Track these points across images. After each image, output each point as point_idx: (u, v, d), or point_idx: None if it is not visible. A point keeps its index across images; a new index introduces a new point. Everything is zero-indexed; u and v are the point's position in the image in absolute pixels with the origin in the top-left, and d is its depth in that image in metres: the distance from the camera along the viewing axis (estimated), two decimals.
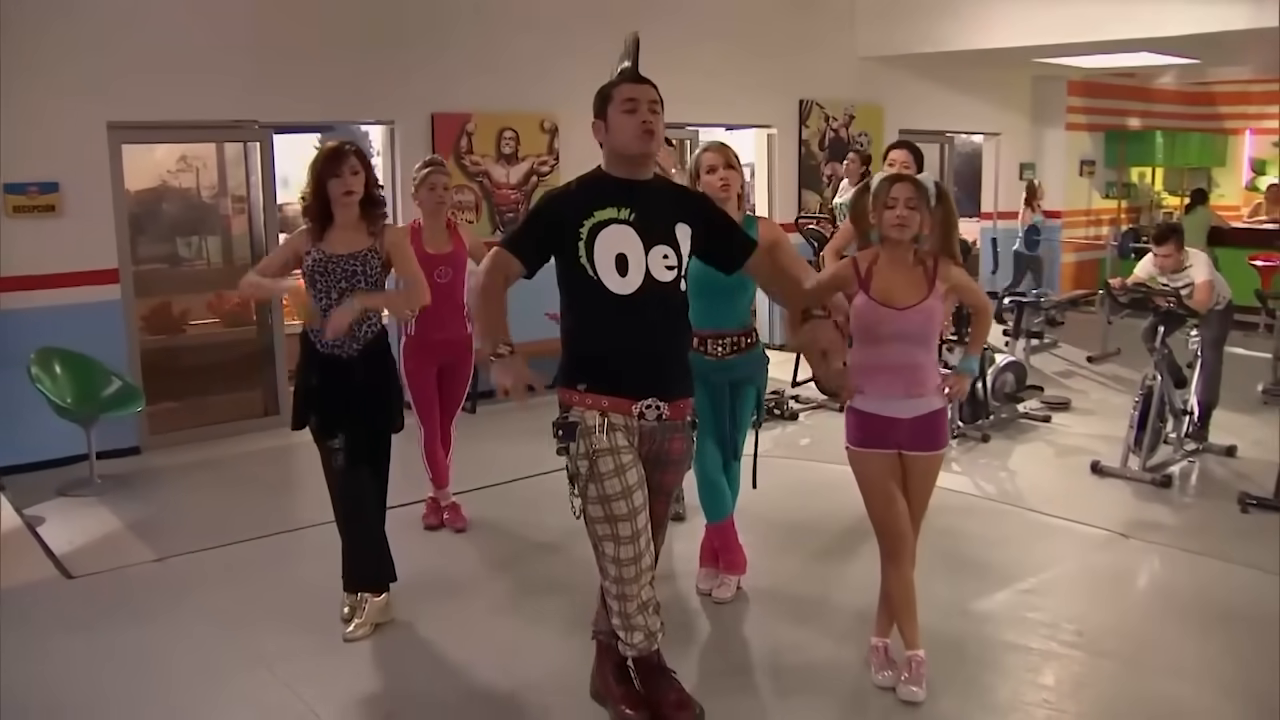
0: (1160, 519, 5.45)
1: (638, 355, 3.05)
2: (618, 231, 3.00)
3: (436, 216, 4.95)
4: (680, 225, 3.10)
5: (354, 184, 3.87)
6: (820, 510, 5.42)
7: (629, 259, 2.99)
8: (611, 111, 3.05)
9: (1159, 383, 6.02)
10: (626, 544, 3.03)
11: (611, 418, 3.02)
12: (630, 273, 3.00)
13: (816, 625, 4.14)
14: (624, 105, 3.02)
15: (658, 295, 3.03)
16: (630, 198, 3.04)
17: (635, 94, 3.03)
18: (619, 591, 3.08)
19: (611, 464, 3.00)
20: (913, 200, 3.36)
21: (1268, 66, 12.82)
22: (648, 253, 3.02)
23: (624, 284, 3.00)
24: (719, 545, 4.41)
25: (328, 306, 3.87)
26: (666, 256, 3.05)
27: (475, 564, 4.81)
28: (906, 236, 3.39)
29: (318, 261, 3.89)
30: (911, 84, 11.02)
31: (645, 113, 3.02)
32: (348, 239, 3.91)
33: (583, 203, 3.04)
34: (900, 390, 3.40)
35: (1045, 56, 10.27)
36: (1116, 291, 6.39)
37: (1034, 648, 3.95)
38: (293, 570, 4.73)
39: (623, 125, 3.02)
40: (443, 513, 5.18)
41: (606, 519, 3.03)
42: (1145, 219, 14.16)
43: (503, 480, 5.94)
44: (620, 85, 3.07)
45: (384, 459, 4.03)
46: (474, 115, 7.86)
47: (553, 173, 8.34)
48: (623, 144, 3.04)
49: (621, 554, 3.04)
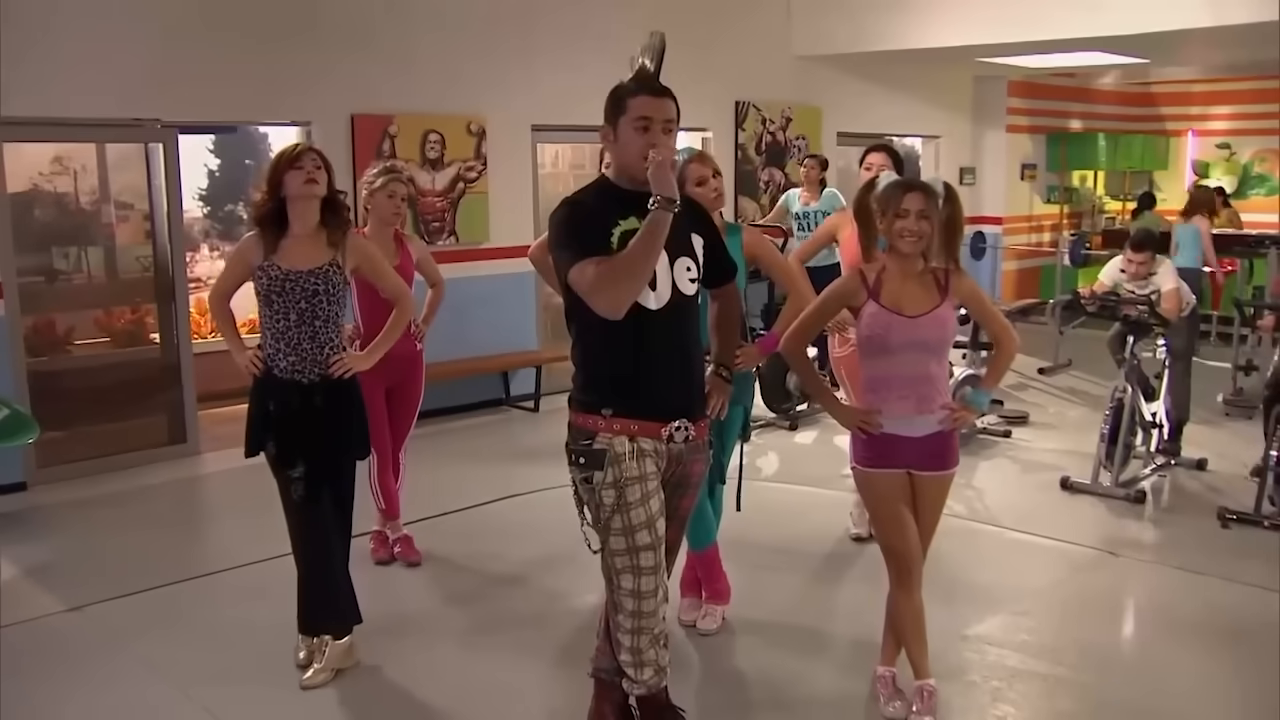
0: (1141, 536, 5.71)
1: (668, 374, 3.10)
2: None
3: (389, 227, 4.95)
4: (695, 235, 3.17)
5: (316, 175, 3.83)
6: (799, 534, 5.54)
7: (657, 271, 3.00)
8: (623, 125, 3.02)
9: (1129, 395, 6.29)
10: (648, 575, 3.08)
11: (641, 443, 3.06)
12: (659, 285, 3.02)
13: (813, 656, 4.24)
14: (637, 121, 2.99)
15: (682, 308, 3.09)
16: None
17: (651, 110, 3.00)
18: (635, 625, 3.12)
19: (639, 492, 3.05)
20: (925, 211, 3.46)
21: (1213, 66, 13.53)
22: (673, 265, 3.05)
23: (654, 298, 3.02)
24: (702, 574, 4.48)
25: (286, 329, 3.83)
26: (689, 269, 3.11)
27: (435, 600, 4.80)
28: (918, 250, 3.49)
29: (275, 280, 3.83)
30: (850, 85, 11.32)
31: (658, 133, 2.99)
32: (306, 251, 3.87)
33: (604, 212, 3.04)
34: (911, 407, 3.51)
35: (991, 56, 10.64)
36: (1086, 300, 6.65)
37: (1042, 673, 4.10)
38: (232, 613, 4.65)
39: (632, 145, 3.00)
40: (393, 546, 5.16)
41: (629, 550, 3.07)
42: (1087, 224, 14.74)
43: (453, 509, 5.94)
44: (638, 96, 3.02)
45: (347, 489, 4.01)
46: (396, 117, 7.84)
47: (480, 178, 8.36)
48: (629, 166, 3.04)
49: (642, 586, 3.08)
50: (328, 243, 3.90)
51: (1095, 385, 9.10)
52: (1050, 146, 14.19)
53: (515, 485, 6.39)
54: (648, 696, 3.25)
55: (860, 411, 3.60)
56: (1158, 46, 9.95)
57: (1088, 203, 15.05)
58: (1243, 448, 7.02)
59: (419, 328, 4.98)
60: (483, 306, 8.02)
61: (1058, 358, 9.91)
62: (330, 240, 3.90)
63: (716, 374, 3.38)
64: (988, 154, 13.41)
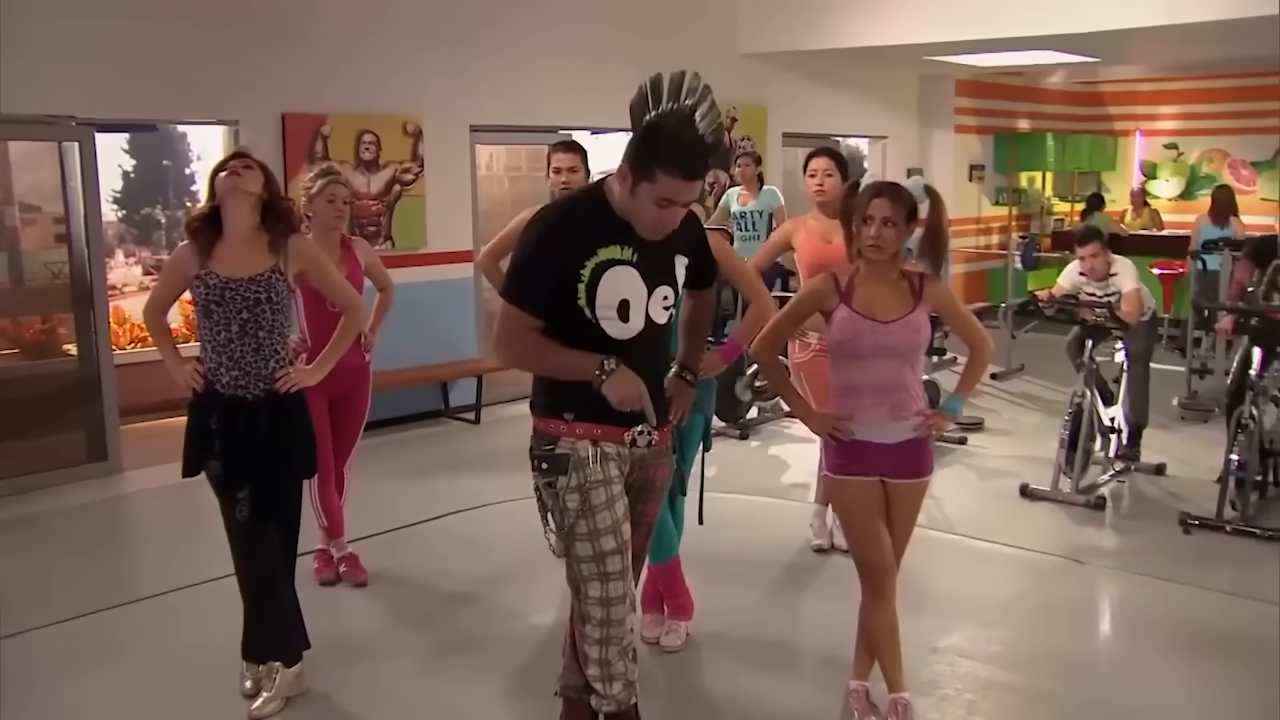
0: (1103, 543, 5.86)
1: None
2: (621, 274, 3.03)
3: (332, 232, 4.93)
4: (679, 258, 3.19)
5: (242, 172, 3.78)
6: (758, 546, 5.61)
7: (631, 304, 3.05)
8: (644, 189, 2.95)
9: (1089, 399, 6.45)
10: (615, 581, 3.12)
11: (604, 447, 3.12)
12: (632, 319, 3.06)
13: (781, 671, 4.29)
14: (660, 200, 2.96)
15: (653, 336, 3.14)
16: (635, 234, 3.05)
17: (678, 195, 2.94)
18: (603, 635, 3.15)
19: (604, 496, 3.10)
20: (890, 218, 3.52)
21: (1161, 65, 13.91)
22: (649, 296, 3.09)
23: (624, 330, 3.06)
24: (664, 588, 4.51)
25: (227, 341, 3.78)
26: (666, 298, 3.14)
27: (385, 622, 4.78)
28: (882, 258, 3.56)
29: (214, 289, 3.77)
30: (796, 84, 11.47)
31: (674, 214, 3.00)
32: (245, 257, 3.82)
33: (585, 238, 3.03)
34: (885, 414, 3.58)
35: (941, 54, 10.83)
36: (1044, 304, 6.81)
37: (1016, 684, 4.20)
38: (169, 642, 4.58)
39: (645, 214, 3.00)
40: (338, 565, 5.13)
41: (595, 557, 3.11)
42: (1036, 226, 15.06)
43: (398, 525, 5.93)
44: (673, 178, 2.91)
45: (294, 508, 3.98)
46: (329, 117, 7.79)
47: (417, 181, 8.33)
48: (635, 222, 3.04)
49: (610, 593, 3.12)
50: (269, 248, 3.85)
51: (1049, 390, 9.31)
52: (998, 147, 14.48)
53: (461, 499, 6.38)
54: (617, 713, 3.27)
55: (832, 417, 3.66)
56: (1109, 45, 10.21)
57: (1036, 204, 15.37)
58: (1200, 452, 7.23)
59: (367, 337, 4.97)
60: (420, 314, 7.98)
61: (1010, 363, 10.11)
62: (271, 245, 3.85)
63: (680, 377, 3.41)
64: (935, 155, 13.64)
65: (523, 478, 6.33)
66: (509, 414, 8.27)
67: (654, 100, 2.96)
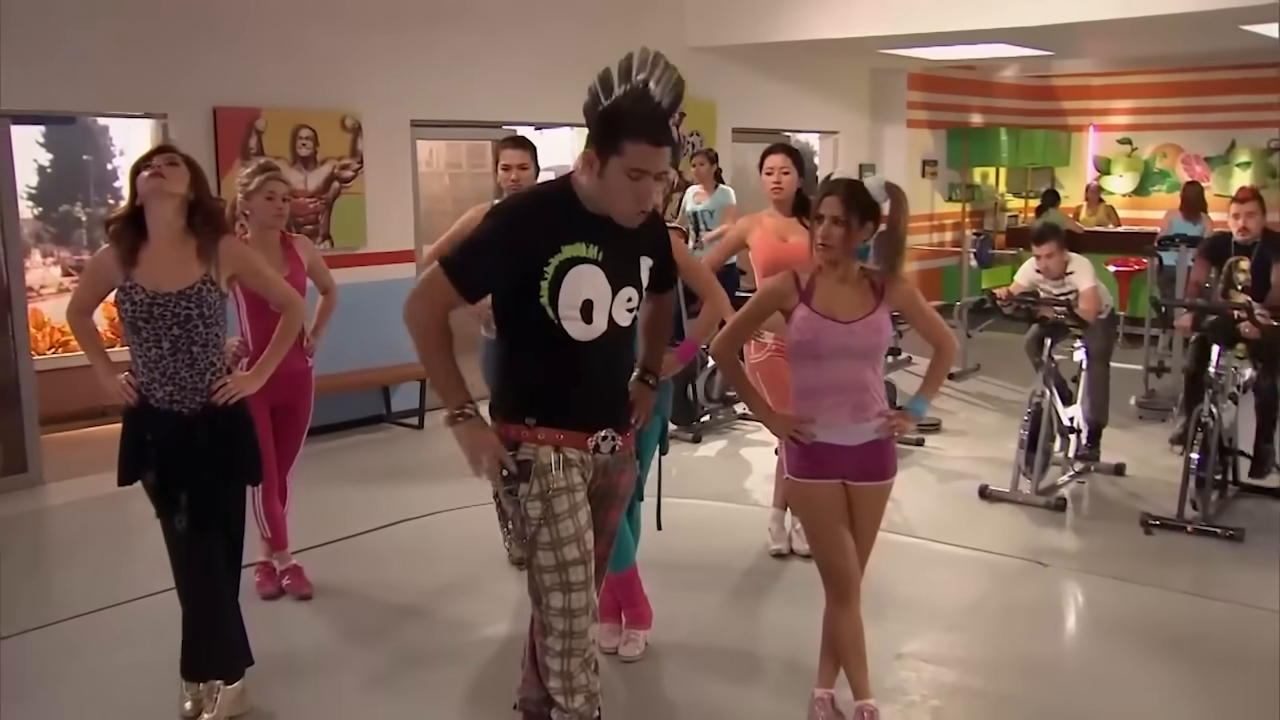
0: (1065, 544, 5.97)
1: (596, 391, 3.17)
2: (586, 274, 3.02)
3: (272, 231, 4.89)
4: (644, 259, 3.19)
5: (166, 171, 3.67)
6: (715, 551, 5.65)
7: (595, 305, 3.05)
8: (613, 166, 2.96)
9: (1048, 399, 6.56)
10: (578, 591, 3.12)
11: (567, 453, 3.12)
12: (595, 320, 3.06)
13: (743, 679, 4.32)
14: (631, 172, 2.95)
15: (616, 338, 3.15)
16: (600, 231, 3.05)
17: (648, 163, 2.95)
18: (565, 647, 3.15)
19: (567, 504, 3.10)
20: (839, 217, 3.56)
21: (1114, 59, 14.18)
22: (614, 297, 3.09)
23: (587, 331, 3.06)
24: (622, 597, 4.53)
25: (159, 358, 3.71)
26: (630, 300, 3.15)
27: (331, 636, 4.75)
28: (829, 257, 3.60)
29: (141, 305, 3.67)
30: (746, 78, 11.53)
31: (647, 185, 2.99)
32: (172, 266, 3.71)
33: (550, 233, 3.02)
34: (846, 416, 3.63)
35: (893, 47, 10.96)
36: (1002, 302, 6.92)
37: (982, 688, 4.27)
38: (101, 662, 4.51)
39: (619, 191, 2.99)
40: (281, 578, 5.09)
41: (558, 566, 3.11)
42: (990, 223, 15.28)
43: (343, 535, 5.90)
44: (639, 144, 2.94)
45: (238, 519, 3.94)
46: (264, 111, 7.71)
47: (356, 178, 8.29)
48: (608, 208, 3.04)
49: (572, 603, 3.12)
50: (198, 254, 3.74)
51: (1005, 390, 9.46)
52: (951, 142, 14.66)
53: (406, 508, 6.35)
54: None
55: (792, 420, 3.70)
56: (1062, 38, 10.39)
57: (990, 201, 15.58)
58: (1159, 451, 7.39)
59: (309, 341, 4.93)
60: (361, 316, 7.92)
61: (966, 362, 10.25)
62: (201, 250, 3.75)
63: (642, 380, 3.43)
64: (887, 150, 13.76)
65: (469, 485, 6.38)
66: None
67: (605, 92, 3.00)
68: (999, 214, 15.62)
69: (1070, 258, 6.94)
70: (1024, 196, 16.06)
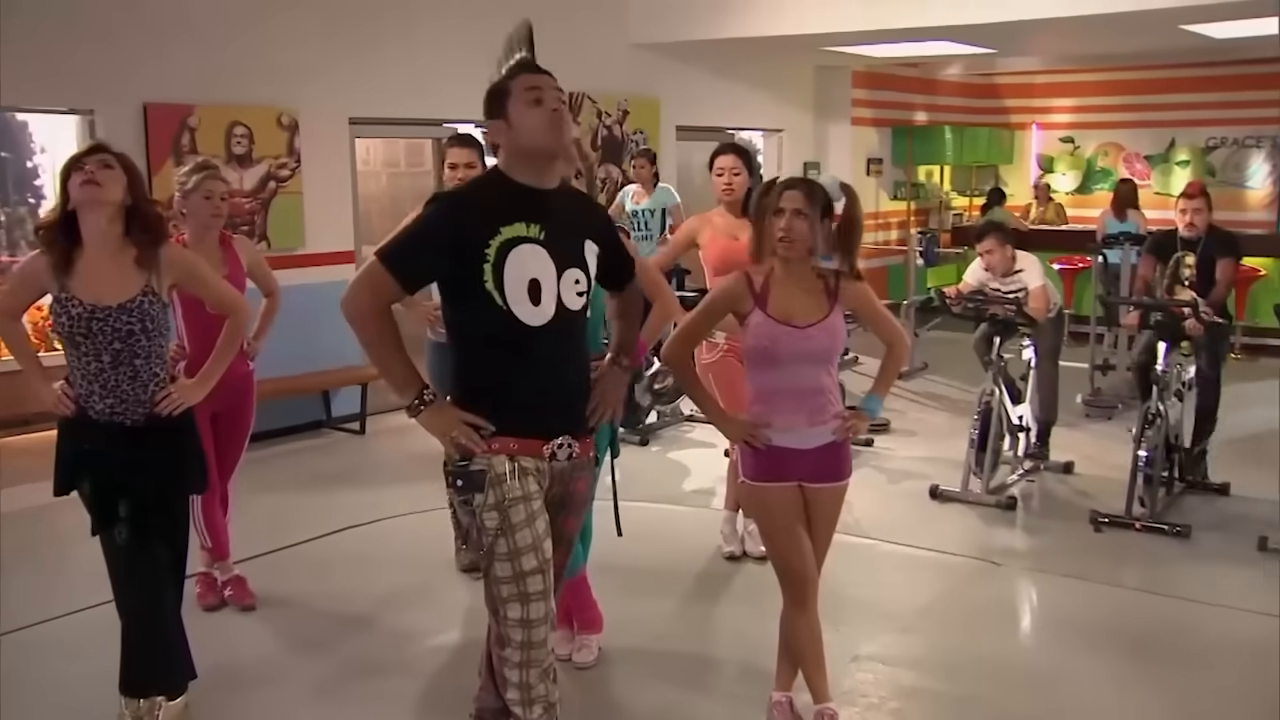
0: (1017, 543, 6.06)
1: (551, 390, 3.14)
2: (529, 252, 3.03)
3: (210, 232, 4.82)
4: (589, 243, 3.19)
5: (99, 176, 3.58)
6: (667, 555, 5.67)
7: (542, 285, 3.03)
8: (513, 106, 3.07)
9: (997, 398, 6.66)
10: (537, 601, 3.10)
11: (522, 461, 3.09)
12: (544, 301, 3.04)
13: (701, 684, 4.35)
14: (528, 95, 3.06)
15: (568, 325, 3.12)
16: (539, 210, 3.06)
17: (538, 81, 3.09)
18: (524, 658, 3.13)
19: (524, 514, 3.07)
20: (801, 209, 3.59)
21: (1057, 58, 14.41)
22: (560, 277, 3.07)
23: (537, 314, 3.04)
24: (572, 602, 4.52)
25: (99, 371, 3.65)
26: (579, 281, 3.13)
27: (276, 648, 4.70)
28: (791, 254, 3.62)
29: (79, 320, 3.59)
30: (690, 76, 11.59)
31: (554, 100, 3.08)
32: (111, 278, 3.62)
33: (487, 214, 3.04)
34: (803, 420, 3.66)
35: (838, 44, 11.05)
36: (951, 301, 7.01)
37: (940, 689, 4.33)
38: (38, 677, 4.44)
39: (530, 117, 3.05)
40: (223, 589, 5.03)
41: (515, 576, 3.08)
42: (935, 221, 15.46)
43: (286, 544, 5.84)
44: (519, 76, 3.12)
45: (181, 528, 3.90)
46: (197, 107, 7.62)
47: (294, 177, 8.21)
48: (534, 139, 3.07)
49: (531, 614, 3.10)
50: (137, 263, 3.66)
51: (953, 389, 9.58)
52: (895, 140, 14.81)
53: (350, 515, 6.31)
54: None
55: (748, 424, 3.72)
56: (1006, 36, 10.54)
57: (935, 199, 15.77)
58: (1106, 448, 7.51)
59: (251, 345, 4.87)
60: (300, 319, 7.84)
61: (913, 361, 10.36)
62: (140, 259, 3.66)
63: (615, 363, 3.36)
64: (832, 148, 13.88)
65: (414, 490, 6.43)
66: (396, 423, 8.17)
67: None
68: (944, 212, 15.81)
69: (1019, 255, 7.05)
70: (969, 195, 16.28)
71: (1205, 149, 15.30)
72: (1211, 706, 4.22)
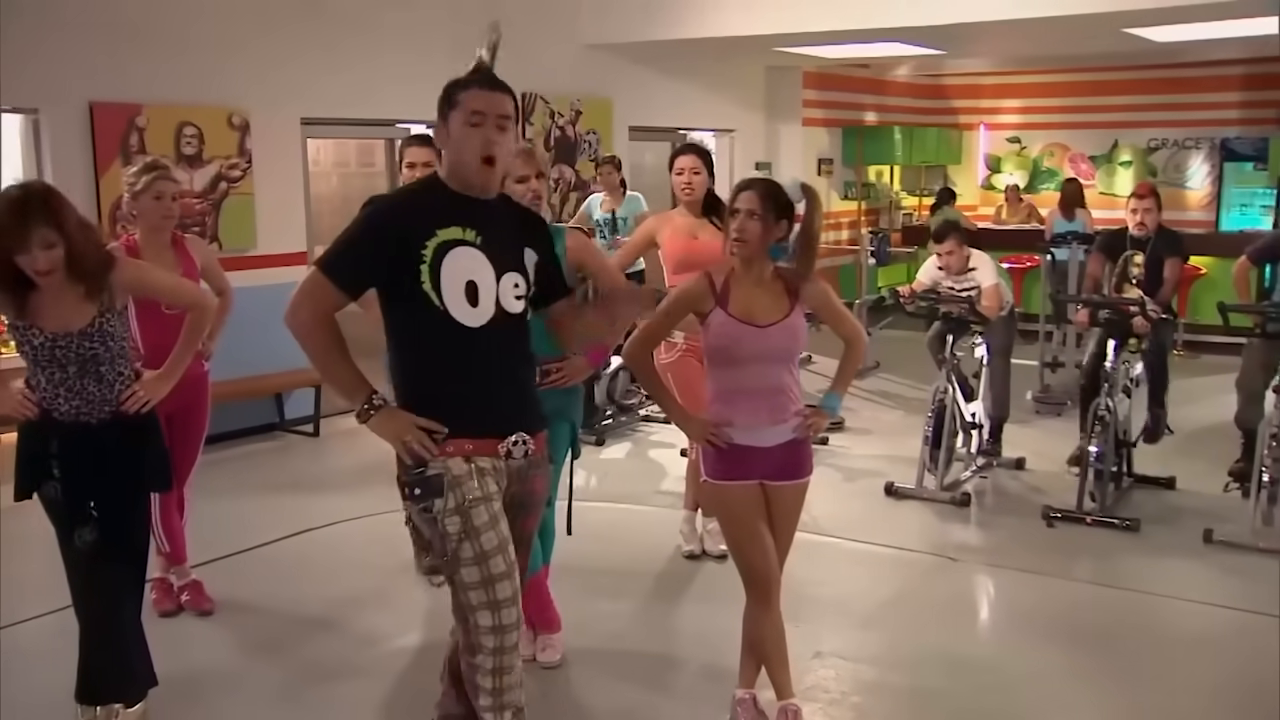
0: (971, 539, 6.13)
1: (497, 388, 3.11)
2: (465, 255, 3.02)
3: (161, 233, 4.76)
4: (528, 250, 3.17)
5: (46, 261, 3.46)
6: (625, 555, 5.69)
7: (479, 287, 3.02)
8: (454, 120, 3.05)
9: (951, 395, 6.73)
10: (508, 607, 3.05)
11: (479, 462, 3.06)
12: (481, 302, 3.03)
13: (663, 683, 4.36)
14: (470, 117, 3.02)
15: (508, 327, 3.09)
16: (475, 217, 3.06)
17: (484, 105, 3.03)
18: (497, 664, 3.08)
19: (486, 515, 3.03)
20: (755, 210, 3.62)
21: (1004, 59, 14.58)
22: (499, 280, 3.06)
23: (474, 315, 3.02)
24: (532, 603, 4.51)
25: (64, 379, 3.62)
26: (517, 285, 3.11)
27: (237, 654, 4.66)
28: (745, 253, 3.64)
29: (42, 348, 3.58)
30: (642, 76, 11.62)
31: (491, 129, 3.03)
32: (68, 310, 3.58)
33: (423, 217, 3.03)
34: (764, 418, 3.68)
35: (789, 45, 11.12)
36: (905, 300, 7.08)
37: (902, 685, 4.37)
38: None
39: (464, 142, 3.04)
40: (180, 594, 4.98)
41: (484, 582, 3.02)
42: (885, 221, 15.60)
43: (244, 547, 5.81)
44: (470, 89, 3.06)
45: (143, 531, 3.86)
46: (145, 107, 7.51)
47: (245, 177, 8.13)
48: (461, 166, 3.07)
49: (503, 619, 3.04)
50: (87, 297, 3.59)
51: (906, 387, 9.66)
52: (846, 140, 14.92)
53: (307, 518, 6.27)
54: None
55: (709, 423, 3.73)
56: (955, 38, 10.65)
57: (885, 199, 15.91)
58: (1057, 444, 7.61)
59: (205, 345, 4.82)
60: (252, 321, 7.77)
61: (866, 360, 10.41)
62: (89, 294, 3.59)
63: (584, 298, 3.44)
64: (783, 148, 13.96)
65: (370, 493, 6.40)
66: (350, 426, 8.00)
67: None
68: (894, 212, 15.95)
69: (972, 254, 7.13)
70: (918, 194, 16.43)
71: (1147, 150, 15.56)
72: (1164, 696, 4.30)
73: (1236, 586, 5.32)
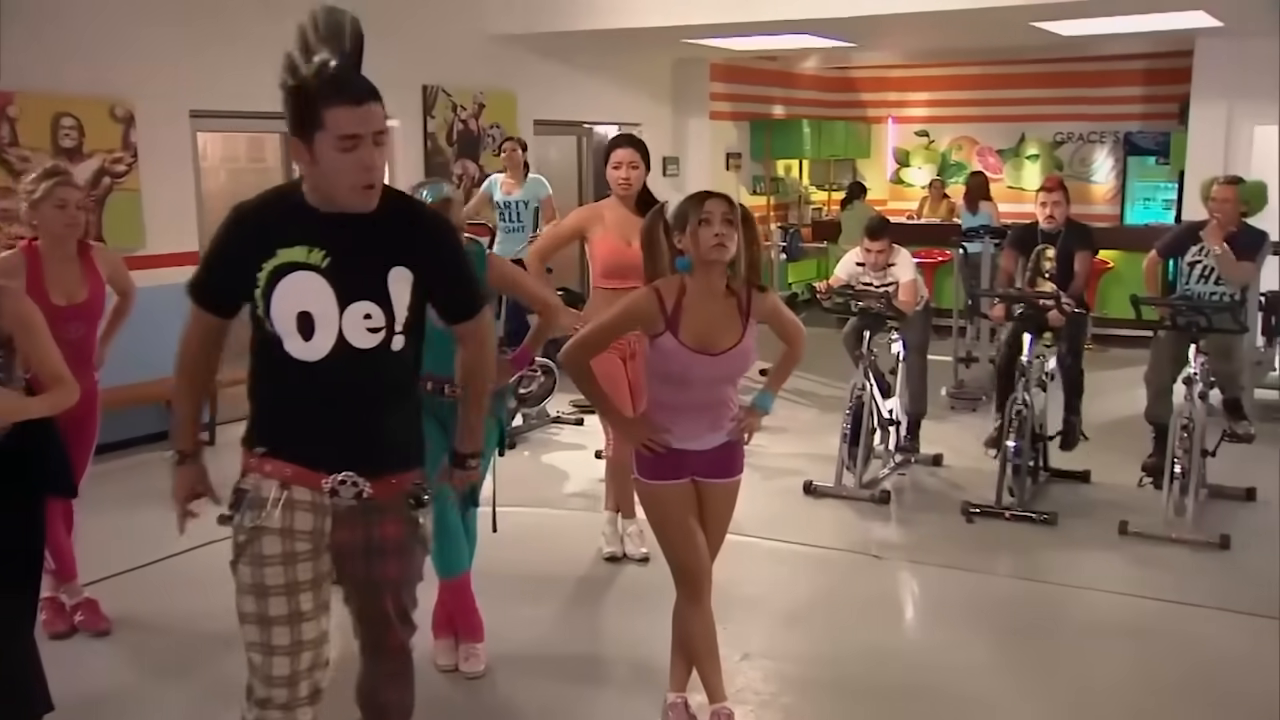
0: (892, 536, 6.24)
1: (330, 425, 2.88)
2: (303, 281, 2.77)
3: (65, 244, 4.60)
4: (396, 269, 2.83)
5: None
6: (545, 559, 5.70)
7: (315, 318, 2.77)
8: (321, 143, 2.68)
9: (869, 392, 6.83)
10: (281, 656, 2.83)
11: (295, 492, 2.85)
12: (317, 336, 2.78)
13: (591, 688, 4.38)
14: (341, 142, 2.66)
15: (357, 363, 2.81)
16: (327, 235, 2.78)
17: (357, 126, 2.67)
18: (256, 716, 2.88)
19: (279, 548, 2.82)
20: (730, 216, 3.61)
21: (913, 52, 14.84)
22: (342, 311, 2.78)
23: (308, 349, 2.79)
24: (454, 607, 4.48)
25: None
26: (369, 316, 2.80)
27: (136, 675, 4.57)
28: (726, 257, 3.62)
29: None
30: (547, 68, 11.61)
31: (368, 151, 2.69)
32: None
33: (265, 236, 2.79)
34: (704, 429, 3.73)
35: (695, 37, 11.18)
36: (823, 295, 7.16)
37: (831, 681, 4.45)
38: None
39: (336, 168, 2.69)
40: (73, 614, 4.84)
41: (259, 619, 2.84)
42: (795, 215, 15.77)
43: (140, 563, 5.67)
44: (336, 107, 2.66)
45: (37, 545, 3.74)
46: (17, 95, 7.28)
47: (130, 172, 7.94)
48: (334, 197, 2.76)
49: (274, 669, 2.83)
50: None
51: (820, 385, 9.76)
52: (754, 134, 15.07)
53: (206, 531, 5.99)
54: None
55: (647, 428, 3.74)
56: (862, 30, 10.82)
57: (794, 193, 16.08)
58: (973, 440, 7.76)
59: (98, 350, 4.69)
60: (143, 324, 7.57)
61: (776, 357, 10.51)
62: None
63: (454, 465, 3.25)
64: (691, 142, 14.04)
65: None
66: None
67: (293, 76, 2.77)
68: (803, 206, 16.13)
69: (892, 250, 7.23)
70: (828, 189, 16.64)
71: (1053, 143, 15.95)
72: (1085, 685, 4.43)
73: (1152, 577, 5.51)
